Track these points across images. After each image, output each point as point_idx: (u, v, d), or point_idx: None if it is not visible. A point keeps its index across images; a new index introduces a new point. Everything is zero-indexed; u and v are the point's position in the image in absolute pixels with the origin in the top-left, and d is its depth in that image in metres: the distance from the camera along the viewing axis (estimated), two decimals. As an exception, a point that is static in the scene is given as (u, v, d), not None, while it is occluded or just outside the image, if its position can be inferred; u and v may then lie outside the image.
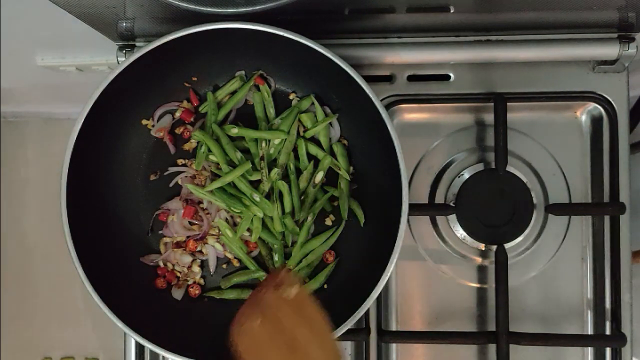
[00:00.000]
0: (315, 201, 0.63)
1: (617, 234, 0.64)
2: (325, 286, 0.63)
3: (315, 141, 0.64)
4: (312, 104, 0.63)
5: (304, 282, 0.62)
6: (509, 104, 0.64)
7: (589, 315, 0.66)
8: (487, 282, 0.67)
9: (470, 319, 0.66)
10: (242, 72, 0.64)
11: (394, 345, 0.67)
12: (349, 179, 0.63)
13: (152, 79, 0.61)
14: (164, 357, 0.65)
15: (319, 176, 0.62)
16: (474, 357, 0.66)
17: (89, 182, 0.59)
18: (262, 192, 0.62)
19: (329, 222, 0.64)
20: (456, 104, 0.67)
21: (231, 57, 0.62)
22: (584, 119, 0.67)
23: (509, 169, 0.65)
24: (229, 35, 0.56)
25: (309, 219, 0.63)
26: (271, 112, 0.64)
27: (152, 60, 0.56)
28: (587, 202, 0.67)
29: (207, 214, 0.64)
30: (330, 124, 0.63)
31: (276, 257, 0.63)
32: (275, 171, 0.61)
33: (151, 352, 0.66)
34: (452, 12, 0.63)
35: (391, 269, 0.54)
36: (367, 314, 0.64)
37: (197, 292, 0.64)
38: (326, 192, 0.63)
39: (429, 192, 0.67)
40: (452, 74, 0.67)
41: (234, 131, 0.62)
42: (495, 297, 0.63)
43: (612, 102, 0.65)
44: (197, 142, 0.64)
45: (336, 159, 0.63)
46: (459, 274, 0.67)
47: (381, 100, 0.63)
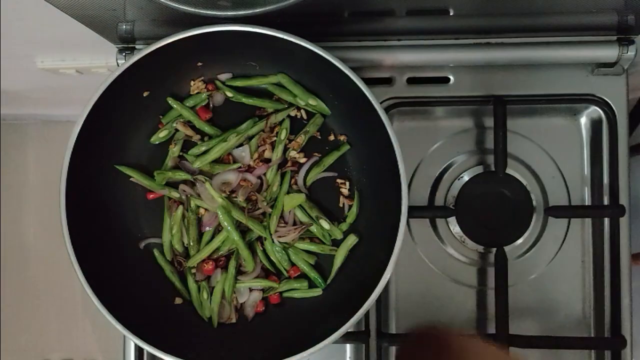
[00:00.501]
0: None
1: (617, 237, 0.64)
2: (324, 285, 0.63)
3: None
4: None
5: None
6: (508, 106, 0.64)
7: (589, 317, 0.66)
8: (486, 284, 0.67)
9: (469, 322, 0.66)
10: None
11: (394, 347, 0.66)
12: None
13: (152, 81, 0.61)
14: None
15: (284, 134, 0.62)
16: None
17: (89, 184, 0.59)
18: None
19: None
20: (456, 106, 0.67)
21: (231, 60, 0.62)
22: (583, 121, 0.67)
23: (509, 171, 0.65)
24: (229, 38, 0.56)
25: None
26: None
27: (151, 62, 0.56)
28: (586, 204, 0.67)
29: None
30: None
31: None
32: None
33: (150, 354, 0.66)
34: (451, 15, 0.63)
35: (390, 271, 0.54)
36: (366, 317, 0.64)
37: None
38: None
39: (428, 194, 0.67)
40: (451, 77, 0.67)
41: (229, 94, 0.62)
42: (494, 300, 0.63)
43: (612, 105, 0.65)
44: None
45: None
46: (458, 277, 0.67)
47: (381, 102, 0.63)
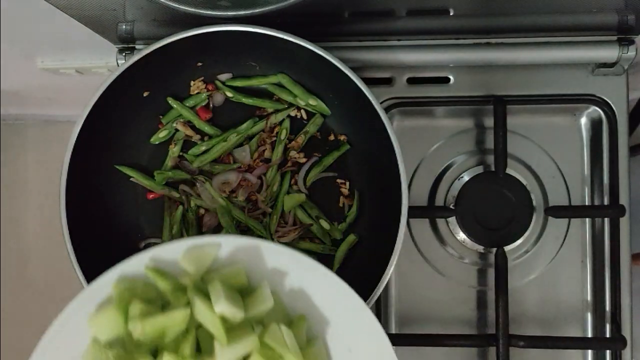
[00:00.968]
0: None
1: (617, 237, 0.64)
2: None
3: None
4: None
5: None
6: (508, 106, 0.64)
7: (589, 317, 0.66)
8: (486, 284, 0.67)
9: (470, 322, 0.66)
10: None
11: (394, 348, 0.66)
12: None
13: (152, 81, 0.61)
14: None
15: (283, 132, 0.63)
16: (474, 360, 0.66)
17: (89, 184, 0.59)
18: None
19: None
20: (456, 106, 0.67)
21: (231, 60, 0.62)
22: (583, 121, 0.67)
23: (509, 171, 0.65)
24: (229, 38, 0.56)
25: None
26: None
27: (151, 62, 0.56)
28: (586, 204, 0.67)
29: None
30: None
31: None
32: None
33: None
34: (451, 15, 0.63)
35: (390, 271, 0.54)
36: (366, 317, 0.64)
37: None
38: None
39: (428, 194, 0.67)
40: (451, 77, 0.67)
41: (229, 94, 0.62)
42: (495, 300, 0.63)
43: (612, 105, 0.65)
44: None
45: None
46: (458, 277, 0.67)
47: (381, 102, 0.63)
